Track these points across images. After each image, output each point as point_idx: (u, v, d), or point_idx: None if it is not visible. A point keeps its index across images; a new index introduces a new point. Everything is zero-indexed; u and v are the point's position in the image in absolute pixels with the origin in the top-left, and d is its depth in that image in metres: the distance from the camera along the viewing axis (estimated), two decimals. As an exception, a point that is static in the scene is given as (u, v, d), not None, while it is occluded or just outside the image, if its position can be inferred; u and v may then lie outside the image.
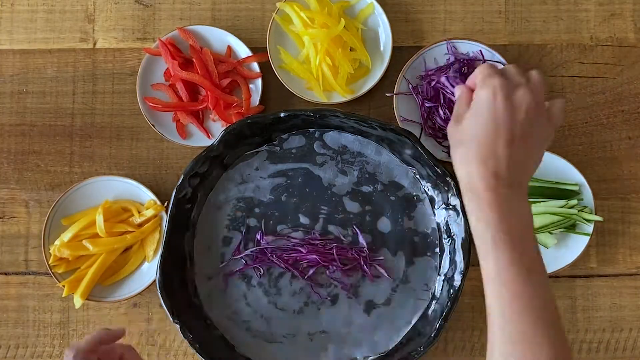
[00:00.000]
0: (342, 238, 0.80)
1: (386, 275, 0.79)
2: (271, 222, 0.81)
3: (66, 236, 0.80)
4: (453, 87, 0.79)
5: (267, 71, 0.83)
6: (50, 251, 0.80)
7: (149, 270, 0.82)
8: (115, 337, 0.67)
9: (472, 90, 0.60)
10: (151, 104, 0.83)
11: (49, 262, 0.80)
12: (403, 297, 0.80)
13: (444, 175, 0.75)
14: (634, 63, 0.86)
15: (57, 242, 0.80)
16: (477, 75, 0.59)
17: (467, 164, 0.57)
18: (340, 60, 0.81)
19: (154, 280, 0.77)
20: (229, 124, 0.78)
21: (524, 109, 0.56)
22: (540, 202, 0.79)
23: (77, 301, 0.79)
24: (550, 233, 0.79)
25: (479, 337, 0.83)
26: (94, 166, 0.86)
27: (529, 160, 0.58)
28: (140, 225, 0.82)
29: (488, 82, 0.57)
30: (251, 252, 0.80)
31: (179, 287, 0.78)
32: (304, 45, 0.83)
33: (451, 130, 0.60)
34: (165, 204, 0.81)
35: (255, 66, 0.84)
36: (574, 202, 0.79)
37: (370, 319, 0.79)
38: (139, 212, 0.82)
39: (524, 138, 0.56)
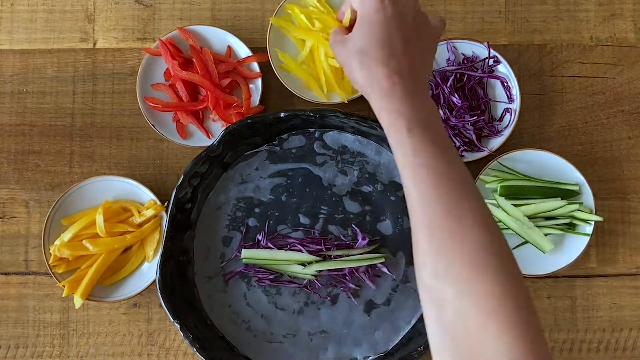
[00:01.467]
0: (342, 238, 0.80)
1: (388, 272, 0.79)
2: (271, 222, 0.81)
3: (66, 236, 0.80)
4: (455, 97, 0.80)
5: (267, 71, 0.83)
6: (50, 251, 0.80)
7: (149, 270, 0.82)
8: None
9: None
10: (151, 104, 0.83)
11: (49, 262, 0.80)
12: (403, 297, 0.80)
13: (444, 175, 0.75)
14: (634, 63, 0.86)
15: (57, 242, 0.80)
16: None
17: (370, 68, 0.58)
18: (340, 60, 0.81)
19: (154, 280, 0.77)
20: (229, 124, 0.78)
21: (411, 12, 0.59)
22: (539, 201, 0.79)
23: (77, 301, 0.79)
24: (546, 234, 0.79)
25: (479, 337, 0.83)
26: (94, 166, 0.86)
27: (425, 59, 0.61)
28: (140, 225, 0.82)
29: None
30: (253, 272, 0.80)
31: (179, 287, 0.78)
32: (304, 45, 0.83)
33: (339, 46, 0.61)
34: (165, 204, 0.81)
35: (255, 66, 0.84)
36: (574, 206, 0.79)
37: (370, 319, 0.79)
38: (139, 212, 0.81)
39: (416, 38, 0.59)
